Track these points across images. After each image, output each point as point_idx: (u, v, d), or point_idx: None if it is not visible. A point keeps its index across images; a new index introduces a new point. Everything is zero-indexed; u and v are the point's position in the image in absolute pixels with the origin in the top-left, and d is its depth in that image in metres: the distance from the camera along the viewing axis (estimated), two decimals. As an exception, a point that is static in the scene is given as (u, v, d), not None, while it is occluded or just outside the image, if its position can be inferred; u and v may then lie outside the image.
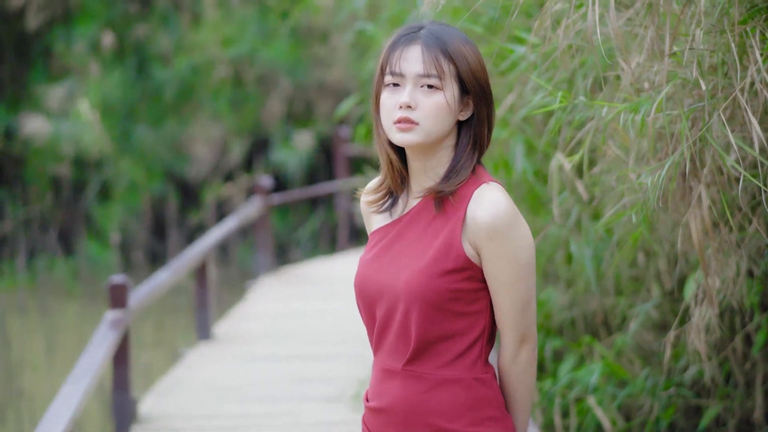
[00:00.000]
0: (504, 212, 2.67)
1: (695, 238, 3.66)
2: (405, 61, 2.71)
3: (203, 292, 8.23)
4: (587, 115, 4.04)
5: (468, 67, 2.72)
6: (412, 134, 2.70)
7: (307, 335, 8.19)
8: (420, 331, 2.68)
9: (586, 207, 5.19)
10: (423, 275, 2.68)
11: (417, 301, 2.67)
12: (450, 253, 2.68)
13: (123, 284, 6.18)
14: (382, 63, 2.75)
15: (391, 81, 2.72)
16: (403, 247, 2.75)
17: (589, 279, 5.39)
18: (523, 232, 2.69)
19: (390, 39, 2.77)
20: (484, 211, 2.67)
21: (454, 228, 2.70)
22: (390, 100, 2.72)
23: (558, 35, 3.70)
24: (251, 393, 6.74)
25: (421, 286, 2.67)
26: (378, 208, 2.82)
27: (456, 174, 2.72)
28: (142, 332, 11.46)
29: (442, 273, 2.67)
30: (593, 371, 5.28)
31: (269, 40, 16.58)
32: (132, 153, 16.61)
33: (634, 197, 3.87)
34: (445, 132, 2.73)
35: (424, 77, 2.70)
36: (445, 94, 2.70)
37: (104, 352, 5.63)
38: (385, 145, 2.76)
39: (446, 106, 2.71)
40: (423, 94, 2.70)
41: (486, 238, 2.67)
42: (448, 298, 2.68)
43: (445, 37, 2.72)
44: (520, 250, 2.67)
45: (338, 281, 10.26)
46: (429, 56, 2.70)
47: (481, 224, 2.67)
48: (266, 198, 10.72)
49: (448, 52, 2.71)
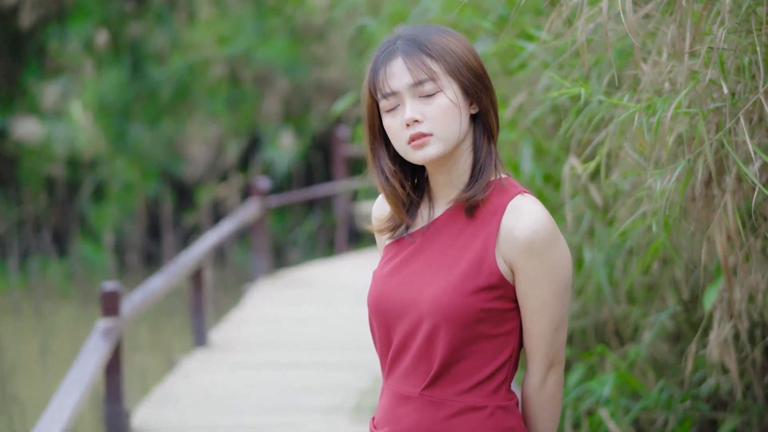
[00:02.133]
0: (544, 227, 2.47)
1: (720, 252, 3.46)
2: (392, 78, 2.53)
3: (199, 297, 8.01)
4: (602, 116, 3.84)
5: (456, 58, 2.53)
6: (429, 147, 2.52)
7: (305, 342, 7.98)
8: (445, 353, 2.47)
9: (599, 212, 4.99)
10: (453, 292, 2.48)
11: (445, 320, 2.47)
12: (482, 269, 2.48)
13: (116, 291, 5.98)
14: (369, 91, 2.56)
15: (388, 105, 2.54)
16: (427, 261, 2.55)
17: (602, 286, 5.20)
18: (563, 249, 2.49)
19: (370, 61, 2.59)
20: (523, 225, 2.48)
21: (487, 241, 2.50)
22: (395, 123, 2.53)
23: (574, 30, 3.48)
24: (248, 403, 6.52)
25: (450, 304, 2.47)
26: (393, 233, 2.63)
27: (480, 173, 2.54)
28: (137, 335, 11.27)
29: (474, 290, 2.47)
30: (606, 383, 5.08)
31: (266, 39, 16.39)
32: (127, 153, 16.43)
33: (653, 205, 3.67)
34: (462, 133, 2.54)
35: (417, 85, 2.52)
36: (446, 93, 2.52)
37: (96, 362, 5.43)
38: (390, 176, 2.57)
39: (452, 106, 2.52)
40: (425, 103, 2.52)
41: (524, 254, 2.47)
42: (477, 319, 2.48)
43: (421, 37, 2.54)
44: (560, 268, 2.48)
45: (337, 285, 10.05)
46: (412, 63, 2.52)
47: (520, 239, 2.47)
48: (264, 200, 10.50)
49: (430, 51, 2.52)
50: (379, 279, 2.58)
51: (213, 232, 9.11)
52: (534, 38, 4.62)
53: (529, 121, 4.97)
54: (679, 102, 3.12)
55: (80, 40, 16.49)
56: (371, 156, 2.59)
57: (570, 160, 4.49)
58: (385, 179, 2.57)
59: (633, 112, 3.15)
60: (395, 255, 2.59)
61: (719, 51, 3.11)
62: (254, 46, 16.32)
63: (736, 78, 3.34)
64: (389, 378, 2.56)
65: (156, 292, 6.95)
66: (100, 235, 16.53)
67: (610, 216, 4.67)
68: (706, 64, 3.28)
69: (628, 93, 3.57)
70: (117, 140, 16.37)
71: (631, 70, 3.88)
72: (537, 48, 4.46)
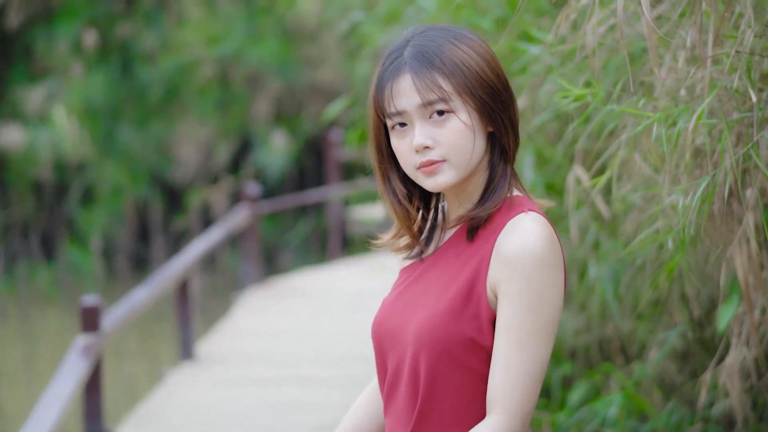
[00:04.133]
0: (534, 248, 2.20)
1: (740, 273, 3.19)
2: (398, 97, 2.28)
3: (185, 309, 7.72)
4: (614, 125, 3.57)
5: (470, 74, 2.27)
6: (442, 175, 2.28)
7: (295, 356, 7.68)
8: (427, 388, 2.24)
9: (605, 225, 4.72)
10: (436, 319, 2.24)
11: (425, 348, 2.24)
12: (472, 295, 2.24)
13: (96, 306, 5.69)
14: (375, 108, 2.32)
15: (394, 123, 2.30)
16: (425, 287, 2.33)
17: (607, 302, 4.94)
18: (552, 280, 2.21)
19: (376, 72, 2.33)
20: (510, 242, 2.23)
21: (481, 264, 2.26)
22: (403, 145, 2.30)
23: (584, 32, 3.21)
24: (236, 422, 6.23)
25: (431, 330, 2.24)
26: (408, 255, 2.42)
27: (492, 194, 2.30)
28: (125, 343, 11.01)
29: (459, 317, 2.23)
30: (611, 403, 4.83)
31: (257, 39, 16.12)
32: (116, 156, 16.16)
33: (667, 221, 3.40)
34: (476, 157, 2.30)
35: (427, 105, 2.26)
36: (459, 115, 2.26)
37: (73, 382, 5.15)
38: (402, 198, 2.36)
39: (466, 129, 2.27)
40: (436, 126, 2.27)
41: (505, 274, 2.22)
42: (464, 349, 2.23)
43: (431, 49, 2.28)
44: (544, 300, 2.20)
45: (329, 295, 9.73)
46: (422, 81, 2.26)
47: (503, 256, 2.22)
48: (253, 206, 10.19)
49: (441, 67, 2.26)
50: (383, 305, 2.39)
51: (200, 240, 8.81)
52: (535, 40, 4.37)
53: (531, 127, 4.71)
54: (702, 112, 2.84)
55: (68, 40, 16.22)
56: (380, 177, 2.38)
57: (575, 169, 4.24)
58: (397, 202, 2.37)
59: (651, 123, 2.87)
60: (405, 280, 2.39)
61: (747, 56, 2.83)
62: (245, 46, 16.06)
63: (761, 85, 3.07)
64: (386, 415, 2.36)
65: (140, 305, 6.67)
66: (89, 240, 16.29)
67: (619, 231, 4.41)
68: (731, 71, 3.01)
69: (642, 100, 3.29)
70: (105, 143, 16.14)
71: (642, 77, 3.60)
72: (541, 51, 4.19)
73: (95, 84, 16.13)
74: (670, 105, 3.18)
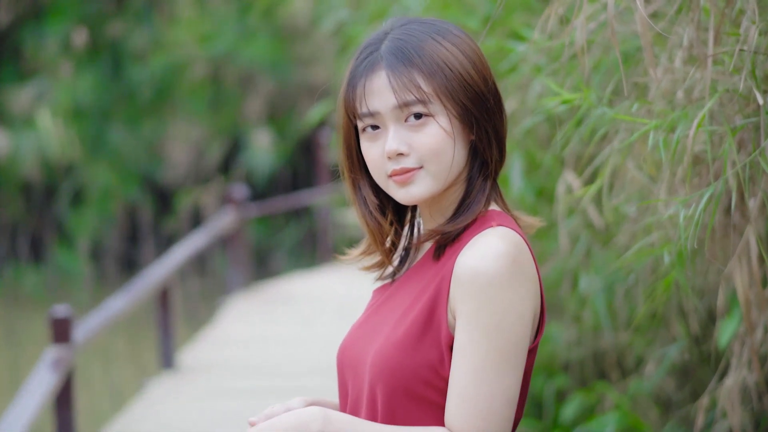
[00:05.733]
0: (491, 265, 1.95)
1: (740, 291, 2.94)
2: (372, 96, 2.02)
3: (166, 318, 7.45)
4: (605, 130, 3.32)
5: (453, 74, 2.02)
6: (415, 186, 2.03)
7: (284, 365, 7.40)
8: (387, 421, 2.02)
9: (598, 234, 4.47)
10: (391, 348, 2.01)
11: (380, 381, 2.01)
12: (432, 319, 2.01)
13: (66, 318, 5.45)
14: (345, 107, 2.06)
15: (365, 125, 2.04)
16: (390, 309, 2.09)
17: (599, 314, 4.70)
18: (515, 301, 1.96)
19: (348, 66, 2.07)
20: (467, 259, 1.98)
21: (441, 285, 2.01)
22: (373, 149, 2.04)
23: (572, 30, 2.96)
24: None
25: (385, 362, 2.01)
26: (381, 275, 2.18)
27: (466, 210, 2.05)
28: (107, 348, 10.76)
29: (417, 344, 2.00)
30: (607, 423, 4.59)
31: (249, 38, 15.87)
32: (105, 157, 15.92)
33: (663, 233, 3.14)
34: (456, 167, 2.05)
35: (403, 107, 2.01)
36: (438, 120, 2.01)
37: (41, 397, 4.91)
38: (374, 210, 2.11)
39: (445, 136, 2.01)
40: (412, 130, 2.02)
41: (460, 294, 1.98)
42: (421, 382, 2.00)
43: (411, 45, 2.02)
44: (503, 323, 1.95)
45: (318, 301, 9.44)
46: (398, 79, 2.00)
47: (458, 276, 1.98)
48: (240, 209, 9.89)
49: (421, 65, 2.01)
50: (350, 331, 2.17)
51: (183, 246, 8.54)
52: (525, 39, 4.13)
53: (520, 130, 4.46)
54: (702, 117, 2.59)
55: (57, 40, 15.99)
56: (351, 185, 2.14)
57: (565, 176, 4.00)
58: (368, 213, 2.12)
59: (647, 130, 2.61)
60: (374, 303, 2.16)
61: (752, 55, 2.58)
62: (237, 45, 15.81)
63: (766, 86, 2.82)
64: None
65: (116, 314, 6.41)
66: (78, 242, 16.09)
67: (612, 241, 4.17)
68: (733, 72, 2.75)
69: (635, 103, 3.04)
70: (95, 144, 15.89)
71: (635, 78, 3.35)
72: (528, 50, 3.94)
73: (85, 84, 15.91)
74: (666, 109, 2.93)
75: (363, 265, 2.19)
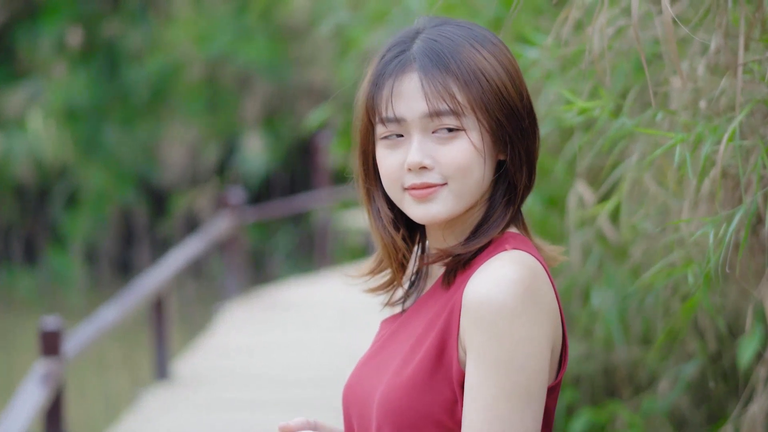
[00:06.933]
0: (501, 292, 1.76)
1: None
2: (400, 99, 1.82)
3: (161, 328, 7.25)
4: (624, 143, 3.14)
5: (490, 87, 1.82)
6: (438, 203, 1.84)
7: (283, 375, 7.20)
8: None
9: (611, 247, 4.29)
10: (400, 389, 1.82)
11: (389, 423, 1.82)
12: (443, 354, 1.82)
13: (56, 331, 5.27)
14: (366, 107, 1.85)
15: (387, 132, 1.84)
16: (399, 343, 1.90)
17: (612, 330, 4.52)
18: (530, 332, 1.77)
19: (373, 63, 1.86)
20: (475, 287, 1.78)
21: (451, 316, 1.82)
22: (391, 158, 1.84)
23: (590, 34, 2.77)
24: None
25: (393, 403, 1.82)
26: (390, 300, 1.99)
27: (482, 234, 1.86)
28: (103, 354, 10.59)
29: (428, 383, 1.82)
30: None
31: (246, 39, 15.68)
32: (100, 159, 15.74)
33: (685, 252, 2.96)
34: (483, 189, 1.86)
35: (434, 117, 1.81)
36: (470, 135, 1.81)
37: (29, 414, 4.73)
38: (389, 225, 1.91)
39: (475, 154, 1.82)
40: (439, 142, 1.82)
41: (469, 325, 1.78)
42: (432, 424, 1.81)
43: (447, 49, 1.82)
44: (517, 356, 1.76)
45: (316, 308, 9.21)
46: (432, 85, 1.80)
47: (467, 305, 1.79)
48: (237, 214, 9.67)
49: (457, 72, 1.80)
50: (356, 367, 2.00)
51: (179, 252, 8.34)
52: (533, 42, 3.94)
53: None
54: (733, 130, 2.40)
55: (52, 40, 15.81)
56: (365, 195, 1.94)
57: (577, 187, 3.82)
58: (382, 226, 1.92)
59: (673, 145, 2.42)
60: (381, 336, 1.98)
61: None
62: (234, 45, 15.62)
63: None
64: None
65: (109, 325, 6.22)
66: (72, 245, 15.91)
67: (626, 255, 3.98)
68: (761, 80, 2.57)
69: (659, 112, 2.85)
70: (89, 145, 15.72)
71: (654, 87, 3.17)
72: (539, 55, 3.76)
73: (79, 84, 15.74)
74: (691, 120, 2.74)
75: (369, 287, 2.00)
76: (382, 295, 2.01)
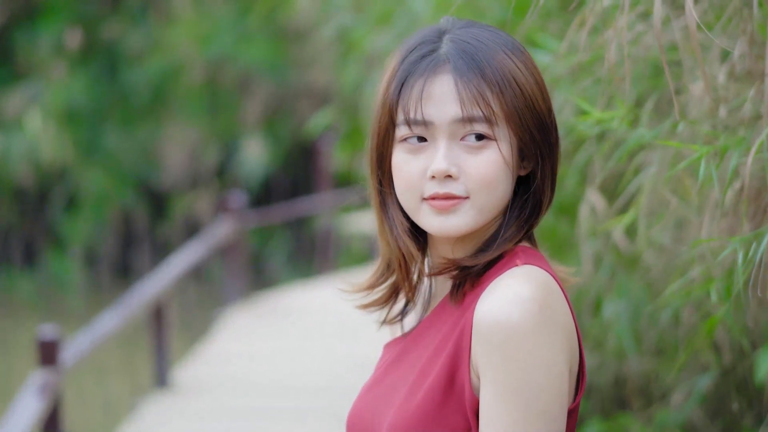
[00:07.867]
0: (512, 311, 1.65)
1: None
2: (430, 102, 1.70)
3: (161, 336, 7.14)
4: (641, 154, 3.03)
5: (522, 96, 1.72)
6: (458, 217, 1.72)
7: (282, 383, 7.10)
8: None
9: (623, 257, 4.18)
10: (409, 419, 1.71)
11: None
12: (454, 379, 1.71)
13: (53, 341, 5.16)
14: (390, 107, 1.72)
15: (410, 134, 1.72)
16: (406, 368, 1.79)
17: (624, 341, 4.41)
18: (545, 353, 1.66)
19: (396, 61, 1.74)
20: (485, 306, 1.68)
21: (462, 337, 1.71)
22: (412, 164, 1.73)
23: (608, 40, 2.67)
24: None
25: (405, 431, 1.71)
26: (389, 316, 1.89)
27: (495, 248, 1.75)
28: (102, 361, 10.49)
29: (439, 412, 1.70)
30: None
31: (247, 41, 15.58)
32: (100, 161, 15.65)
33: (705, 269, 2.85)
34: (503, 203, 1.75)
35: (465, 123, 1.70)
36: (500, 146, 1.71)
37: (25, 426, 4.63)
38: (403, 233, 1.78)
39: (503, 167, 1.72)
40: (467, 151, 1.71)
41: (480, 347, 1.67)
42: None
43: (481, 52, 1.71)
44: (532, 380, 1.65)
45: (318, 315, 9.09)
46: (467, 89, 1.69)
47: (476, 325, 1.68)
48: (237, 218, 9.54)
49: (492, 78, 1.70)
50: (359, 394, 1.87)
51: (180, 258, 8.22)
52: (541, 45, 3.83)
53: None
54: (761, 142, 2.30)
55: (51, 41, 15.72)
56: (377, 200, 1.81)
57: (588, 197, 3.70)
58: (398, 235, 1.80)
59: (698, 158, 2.31)
60: (385, 361, 1.86)
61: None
62: (235, 47, 15.52)
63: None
64: None
65: (107, 333, 6.11)
66: (72, 247, 15.83)
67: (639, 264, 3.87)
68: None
69: (680, 122, 2.74)
70: (89, 147, 15.63)
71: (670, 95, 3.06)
72: (551, 60, 3.64)
73: (79, 86, 15.65)
74: (713, 131, 2.64)
75: (362, 303, 1.88)
76: (375, 312, 1.90)
